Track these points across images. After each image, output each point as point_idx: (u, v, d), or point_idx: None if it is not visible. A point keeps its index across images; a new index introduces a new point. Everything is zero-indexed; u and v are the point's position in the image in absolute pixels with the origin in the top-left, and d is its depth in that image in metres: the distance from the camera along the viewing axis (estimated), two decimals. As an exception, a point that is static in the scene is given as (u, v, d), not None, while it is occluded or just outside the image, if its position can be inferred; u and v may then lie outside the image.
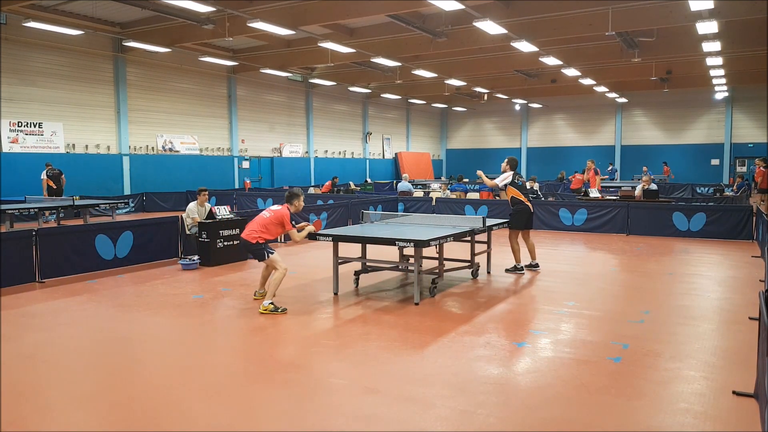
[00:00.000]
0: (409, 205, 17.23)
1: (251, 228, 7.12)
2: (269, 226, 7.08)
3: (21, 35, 17.25)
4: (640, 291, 8.04)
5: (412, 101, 35.30)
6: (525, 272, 9.18)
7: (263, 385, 4.67)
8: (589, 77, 25.17)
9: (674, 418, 3.99)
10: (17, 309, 6.96)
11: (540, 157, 36.89)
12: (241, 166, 25.69)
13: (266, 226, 7.09)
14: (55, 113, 18.79)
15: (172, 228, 10.43)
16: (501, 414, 4.06)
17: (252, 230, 7.08)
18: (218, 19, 16.34)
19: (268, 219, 7.10)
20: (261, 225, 7.07)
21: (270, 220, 7.08)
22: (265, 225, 7.08)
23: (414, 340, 5.72)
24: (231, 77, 24.95)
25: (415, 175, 32.60)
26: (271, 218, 7.09)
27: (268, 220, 7.10)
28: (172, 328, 6.32)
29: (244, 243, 7.14)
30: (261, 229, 7.05)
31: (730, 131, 32.28)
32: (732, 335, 5.94)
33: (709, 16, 14.43)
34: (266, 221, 7.10)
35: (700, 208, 13.57)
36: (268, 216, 7.13)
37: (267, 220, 7.11)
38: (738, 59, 22.14)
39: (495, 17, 14.99)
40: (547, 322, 6.40)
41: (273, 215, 7.11)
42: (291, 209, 7.22)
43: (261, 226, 7.06)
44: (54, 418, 4.09)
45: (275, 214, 7.13)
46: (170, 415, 4.09)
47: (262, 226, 7.07)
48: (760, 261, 10.10)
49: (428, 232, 7.66)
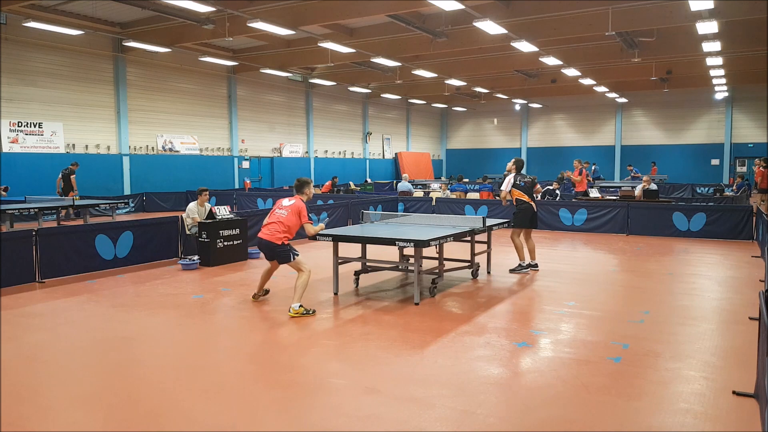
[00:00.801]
0: (409, 205, 17.24)
1: (273, 229, 6.76)
2: (289, 224, 6.78)
3: (21, 35, 17.25)
4: (640, 291, 8.04)
5: (412, 101, 35.30)
6: (529, 271, 9.20)
7: (263, 385, 4.67)
8: (589, 77, 25.17)
9: (674, 418, 3.99)
10: (17, 309, 6.96)
11: (540, 157, 36.87)
12: (241, 166, 25.69)
13: (286, 224, 6.78)
14: (55, 113, 18.79)
15: (172, 228, 10.42)
16: (501, 414, 4.06)
17: (275, 231, 6.74)
18: (218, 19, 16.34)
19: (288, 216, 6.77)
20: (282, 224, 6.74)
21: (289, 218, 6.77)
22: (285, 223, 6.76)
23: (414, 340, 5.72)
24: (231, 77, 24.95)
25: (415, 175, 32.61)
26: (289, 215, 6.77)
27: (287, 217, 6.77)
28: (172, 328, 6.32)
29: (268, 245, 6.77)
30: (284, 229, 6.74)
31: (730, 131, 32.28)
32: (732, 335, 5.94)
33: (709, 16, 14.43)
34: (286, 219, 6.77)
35: (700, 208, 13.57)
36: (287, 213, 6.80)
37: (286, 217, 6.77)
38: (738, 59, 22.14)
39: (495, 17, 14.99)
40: (547, 322, 6.40)
41: (291, 210, 6.79)
42: (304, 198, 6.99)
43: (283, 226, 6.74)
44: (54, 418, 4.09)
45: (293, 208, 6.81)
46: (170, 415, 4.09)
47: (284, 225, 6.75)
48: (760, 261, 10.10)
49: (428, 232, 7.66)
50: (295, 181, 7.12)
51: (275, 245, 6.75)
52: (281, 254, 6.80)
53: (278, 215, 6.83)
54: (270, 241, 6.76)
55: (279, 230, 6.73)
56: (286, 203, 6.96)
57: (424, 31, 17.50)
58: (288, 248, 6.78)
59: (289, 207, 6.84)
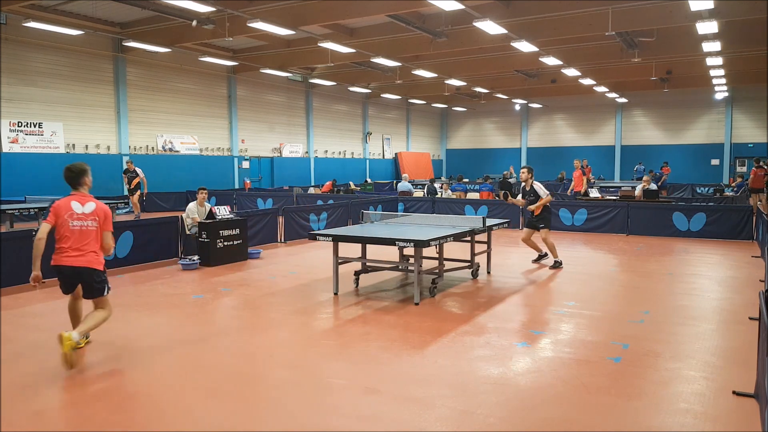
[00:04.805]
0: (409, 205, 17.24)
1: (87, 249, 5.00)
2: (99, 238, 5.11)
3: (21, 35, 17.24)
4: (640, 291, 8.04)
5: (412, 101, 35.30)
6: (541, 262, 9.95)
7: (263, 385, 4.67)
8: (589, 77, 25.17)
9: (674, 419, 3.99)
10: (17, 309, 6.97)
11: (540, 157, 36.86)
12: (241, 166, 25.69)
13: (98, 239, 5.09)
14: (55, 113, 18.78)
15: (172, 228, 10.42)
16: (501, 414, 4.06)
17: (90, 251, 5.02)
18: (218, 19, 16.34)
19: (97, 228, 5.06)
20: (94, 240, 5.05)
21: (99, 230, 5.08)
22: (96, 239, 5.07)
23: (414, 340, 5.72)
24: (231, 77, 24.95)
25: (415, 175, 32.60)
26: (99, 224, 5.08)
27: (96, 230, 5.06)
28: (172, 328, 6.32)
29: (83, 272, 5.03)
30: (97, 247, 5.09)
31: (730, 131, 32.27)
32: (732, 335, 5.94)
33: (709, 16, 14.43)
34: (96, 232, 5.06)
35: (700, 208, 13.57)
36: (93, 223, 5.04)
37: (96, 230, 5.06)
38: (738, 59, 22.14)
39: (495, 17, 14.99)
40: (547, 322, 6.40)
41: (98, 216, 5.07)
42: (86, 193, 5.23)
43: (95, 243, 5.06)
44: (54, 418, 4.09)
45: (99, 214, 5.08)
46: (170, 415, 4.09)
47: (96, 242, 5.07)
48: (760, 261, 10.10)
49: (428, 232, 7.66)
50: (66, 171, 5.14)
51: (95, 272, 5.08)
52: (99, 284, 5.13)
53: (87, 228, 5.03)
54: (88, 268, 5.04)
55: (95, 249, 5.08)
56: (86, 210, 5.06)
57: (424, 31, 17.50)
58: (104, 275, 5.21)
59: (95, 213, 5.08)
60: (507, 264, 9.83)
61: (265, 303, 7.31)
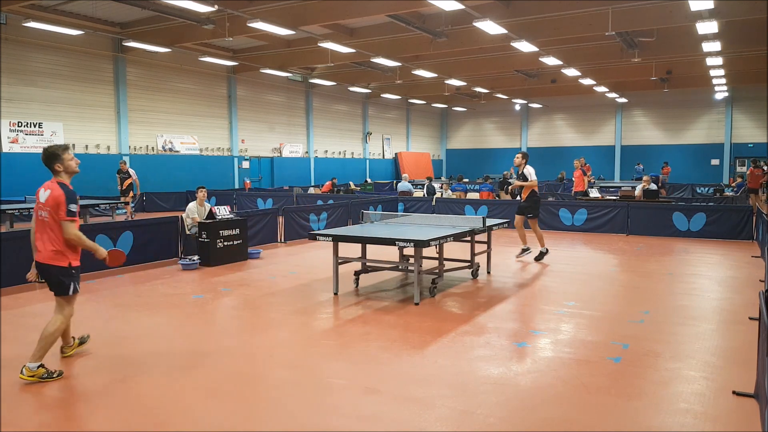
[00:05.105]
0: (409, 205, 17.24)
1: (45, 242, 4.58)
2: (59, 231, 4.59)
3: (21, 35, 17.25)
4: (640, 291, 8.04)
5: (412, 101, 35.31)
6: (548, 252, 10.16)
7: (263, 385, 4.67)
8: (589, 77, 25.17)
9: (674, 419, 3.99)
10: (17, 309, 6.97)
11: (540, 157, 36.81)
12: (241, 166, 25.70)
13: (57, 231, 4.58)
14: (55, 113, 18.79)
15: (172, 228, 10.42)
16: (501, 414, 4.06)
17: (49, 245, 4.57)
18: (218, 19, 16.35)
19: (51, 219, 4.56)
20: (51, 232, 4.58)
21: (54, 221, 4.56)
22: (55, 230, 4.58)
23: (414, 340, 5.72)
24: (231, 77, 24.96)
25: (415, 175, 32.60)
26: (50, 214, 4.54)
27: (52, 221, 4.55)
28: (172, 328, 6.32)
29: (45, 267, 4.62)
30: (57, 241, 4.59)
31: (730, 131, 32.28)
32: (732, 335, 5.94)
33: (709, 16, 14.44)
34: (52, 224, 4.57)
35: (700, 208, 13.57)
36: (46, 214, 4.56)
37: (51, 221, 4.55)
38: (738, 59, 22.15)
39: (495, 17, 15.00)
40: (547, 322, 6.40)
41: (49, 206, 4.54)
42: (63, 179, 4.66)
43: (53, 235, 4.58)
44: (54, 418, 4.09)
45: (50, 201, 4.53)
46: (170, 415, 4.09)
47: (55, 234, 4.58)
48: (760, 261, 10.10)
49: (428, 232, 7.66)
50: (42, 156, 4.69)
51: (54, 268, 4.59)
52: (65, 279, 4.64)
53: (43, 219, 4.60)
54: (46, 264, 4.60)
55: (59, 247, 4.60)
56: (41, 198, 4.61)
57: (424, 31, 17.50)
58: (76, 273, 4.71)
59: (47, 202, 4.56)
60: (507, 264, 9.82)
61: (265, 303, 7.31)
